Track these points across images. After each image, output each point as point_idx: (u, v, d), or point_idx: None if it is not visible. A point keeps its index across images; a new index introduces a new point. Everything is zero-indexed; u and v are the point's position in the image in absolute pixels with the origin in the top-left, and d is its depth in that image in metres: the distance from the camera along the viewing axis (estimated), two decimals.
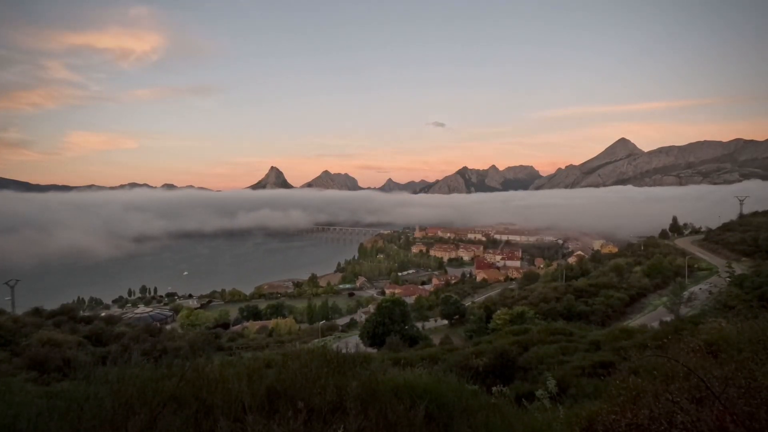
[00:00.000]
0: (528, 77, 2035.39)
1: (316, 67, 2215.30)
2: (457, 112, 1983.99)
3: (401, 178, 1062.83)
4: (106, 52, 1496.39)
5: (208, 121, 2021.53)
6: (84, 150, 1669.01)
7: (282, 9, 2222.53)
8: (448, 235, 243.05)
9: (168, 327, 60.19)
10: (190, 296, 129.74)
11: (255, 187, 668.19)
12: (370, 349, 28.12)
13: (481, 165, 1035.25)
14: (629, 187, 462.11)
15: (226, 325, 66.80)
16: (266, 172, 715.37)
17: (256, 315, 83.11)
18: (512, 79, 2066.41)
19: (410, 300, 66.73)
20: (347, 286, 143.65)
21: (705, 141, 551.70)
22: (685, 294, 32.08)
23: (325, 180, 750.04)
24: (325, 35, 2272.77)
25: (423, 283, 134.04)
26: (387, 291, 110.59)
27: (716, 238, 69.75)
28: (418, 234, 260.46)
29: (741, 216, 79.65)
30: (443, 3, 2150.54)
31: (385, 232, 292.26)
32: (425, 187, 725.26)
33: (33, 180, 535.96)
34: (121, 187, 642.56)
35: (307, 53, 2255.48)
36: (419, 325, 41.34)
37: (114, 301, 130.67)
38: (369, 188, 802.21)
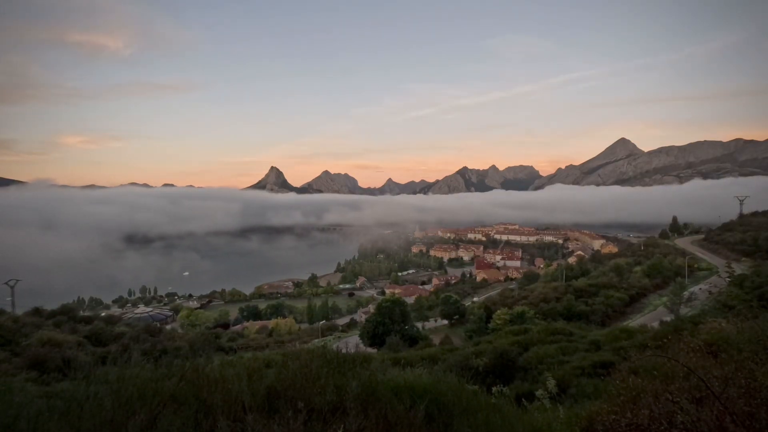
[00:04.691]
0: (527, 76, 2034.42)
1: (313, 67, 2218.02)
2: (457, 111, 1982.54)
3: (401, 178, 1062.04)
4: (77, 47, 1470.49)
5: (198, 119, 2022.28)
6: (71, 149, 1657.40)
7: (269, 6, 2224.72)
8: (448, 235, 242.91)
9: (168, 327, 60.24)
10: (190, 296, 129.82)
11: (255, 187, 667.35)
12: (370, 349, 28.13)
13: (481, 165, 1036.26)
14: (629, 188, 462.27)
15: (226, 325, 66.86)
16: (266, 171, 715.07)
17: (256, 315, 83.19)
18: (512, 78, 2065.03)
19: (410, 300, 66.72)
20: (347, 286, 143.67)
21: (705, 141, 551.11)
22: (685, 294, 32.12)
23: (325, 180, 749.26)
24: (320, 35, 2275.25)
25: (423, 283, 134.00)
26: (387, 291, 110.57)
27: (716, 238, 69.80)
28: (418, 234, 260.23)
29: (741, 216, 79.71)
30: (441, 1, 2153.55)
31: (386, 232, 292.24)
32: (425, 187, 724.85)
33: (28, 180, 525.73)
34: (122, 186, 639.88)
35: (303, 52, 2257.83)
36: (419, 325, 41.35)
37: (114, 301, 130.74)
38: (369, 188, 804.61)
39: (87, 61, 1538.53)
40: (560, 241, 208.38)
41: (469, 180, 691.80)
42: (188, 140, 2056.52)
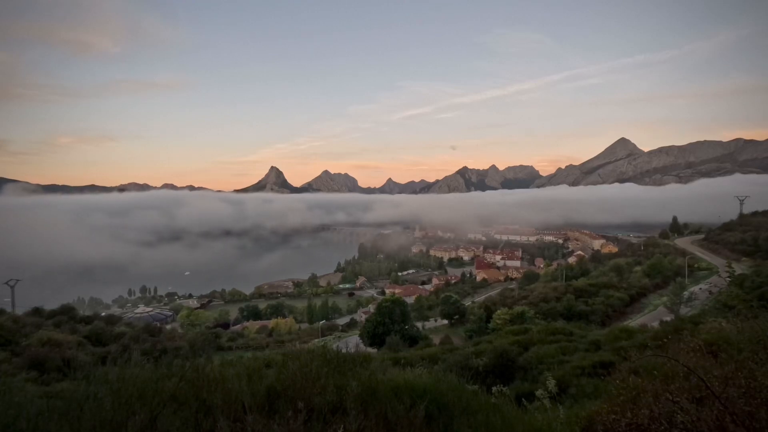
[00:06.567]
0: (525, 74, 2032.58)
1: (308, 65, 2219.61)
2: (455, 110, 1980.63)
3: (401, 178, 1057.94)
4: (63, 45, 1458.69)
5: (194, 119, 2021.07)
6: (65, 149, 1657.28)
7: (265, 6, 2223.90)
8: (448, 235, 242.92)
9: (168, 327, 60.21)
10: (190, 296, 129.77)
11: (255, 187, 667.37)
12: (370, 349, 28.10)
13: (481, 165, 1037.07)
14: (629, 184, 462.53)
15: (226, 325, 66.83)
16: (264, 171, 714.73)
17: (256, 315, 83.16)
18: (510, 76, 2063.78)
19: (410, 300, 66.69)
20: (347, 286, 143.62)
21: (705, 141, 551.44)
22: (685, 294, 32.09)
23: (325, 180, 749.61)
24: (314, 33, 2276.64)
25: (423, 283, 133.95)
26: (387, 291, 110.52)
27: (716, 238, 69.80)
28: (418, 234, 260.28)
29: (741, 216, 79.70)
30: (445, 4, 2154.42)
31: (385, 232, 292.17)
32: (425, 187, 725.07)
33: (19, 179, 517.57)
34: (122, 187, 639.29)
35: (298, 50, 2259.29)
36: (419, 325, 41.31)
37: (114, 301, 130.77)
38: (369, 188, 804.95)
39: (75, 60, 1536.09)
40: (560, 241, 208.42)
41: (469, 180, 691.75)
42: (184, 140, 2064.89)
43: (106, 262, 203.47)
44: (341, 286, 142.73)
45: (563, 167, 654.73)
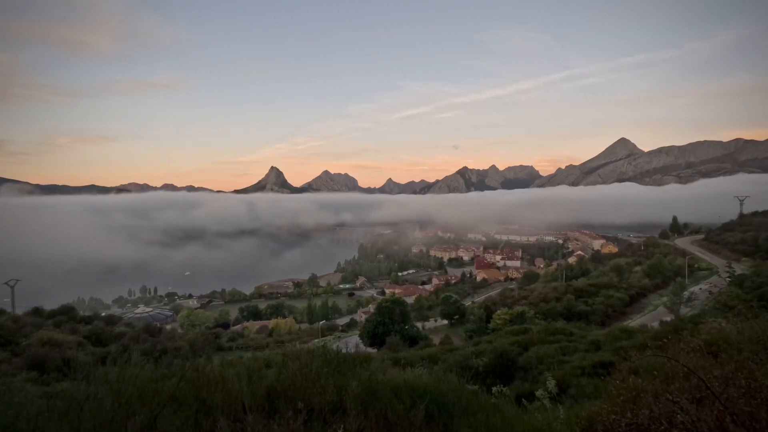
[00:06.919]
0: (525, 73, 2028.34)
1: (307, 65, 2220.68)
2: (454, 110, 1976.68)
3: (401, 178, 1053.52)
4: (63, 45, 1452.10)
5: (192, 119, 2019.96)
6: (63, 149, 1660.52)
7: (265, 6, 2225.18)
8: (448, 235, 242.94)
9: (168, 327, 60.21)
10: (190, 296, 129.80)
11: (255, 187, 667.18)
12: (370, 349, 28.09)
13: (481, 165, 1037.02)
14: (630, 184, 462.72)
15: (226, 325, 66.86)
16: (264, 172, 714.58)
17: (256, 315, 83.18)
18: (509, 76, 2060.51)
19: (410, 300, 66.72)
20: (347, 286, 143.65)
21: (705, 141, 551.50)
22: (685, 294, 32.10)
23: (325, 180, 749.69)
24: (313, 32, 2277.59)
25: (423, 283, 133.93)
26: (387, 291, 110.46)
27: (716, 238, 69.82)
28: (418, 234, 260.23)
29: (741, 216, 79.72)
30: (444, 3, 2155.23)
31: (385, 232, 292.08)
32: (425, 187, 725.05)
33: (18, 179, 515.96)
34: (123, 187, 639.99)
35: (296, 50, 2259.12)
36: (419, 325, 41.32)
37: (114, 301, 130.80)
38: (369, 188, 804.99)
39: (74, 60, 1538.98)
40: (560, 241, 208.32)
41: (469, 180, 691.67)
42: (184, 140, 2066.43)
43: (109, 262, 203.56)
44: (341, 286, 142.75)
45: (563, 167, 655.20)
